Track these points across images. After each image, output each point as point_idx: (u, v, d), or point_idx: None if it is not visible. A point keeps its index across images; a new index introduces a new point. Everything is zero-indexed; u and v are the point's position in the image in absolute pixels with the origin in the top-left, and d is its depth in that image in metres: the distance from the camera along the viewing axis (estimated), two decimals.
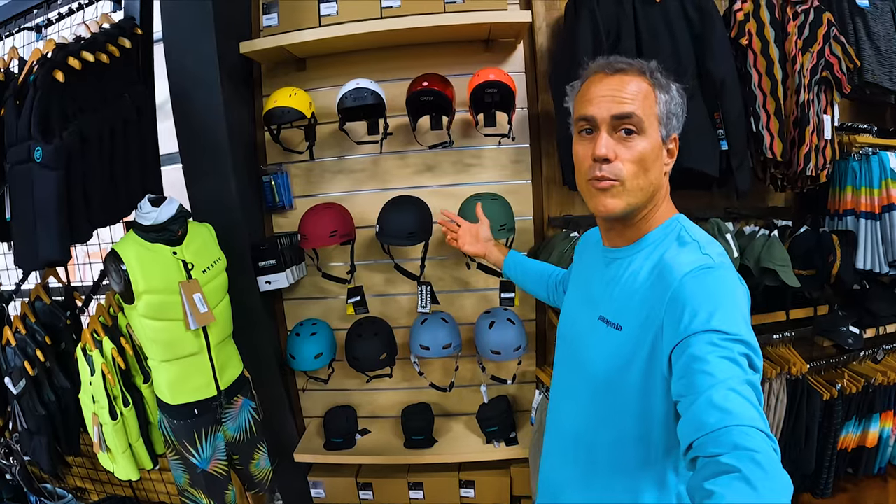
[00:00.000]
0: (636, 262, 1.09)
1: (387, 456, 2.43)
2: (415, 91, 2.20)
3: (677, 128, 1.09)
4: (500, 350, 2.27)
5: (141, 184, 2.21)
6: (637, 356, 1.02)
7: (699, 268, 0.96)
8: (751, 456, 0.72)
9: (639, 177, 1.03)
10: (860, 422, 2.73)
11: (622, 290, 1.09)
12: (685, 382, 0.86)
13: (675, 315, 0.93)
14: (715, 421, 0.78)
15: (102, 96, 2.08)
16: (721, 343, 0.86)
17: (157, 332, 1.94)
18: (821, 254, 2.49)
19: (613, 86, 1.04)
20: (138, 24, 2.24)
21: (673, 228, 1.09)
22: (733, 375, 0.82)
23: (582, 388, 1.17)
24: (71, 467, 2.74)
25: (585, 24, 2.17)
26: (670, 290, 0.96)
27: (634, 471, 1.09)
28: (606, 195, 1.05)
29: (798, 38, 2.37)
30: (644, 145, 1.03)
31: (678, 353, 0.91)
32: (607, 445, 1.12)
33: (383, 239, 2.24)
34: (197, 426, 2.03)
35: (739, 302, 0.95)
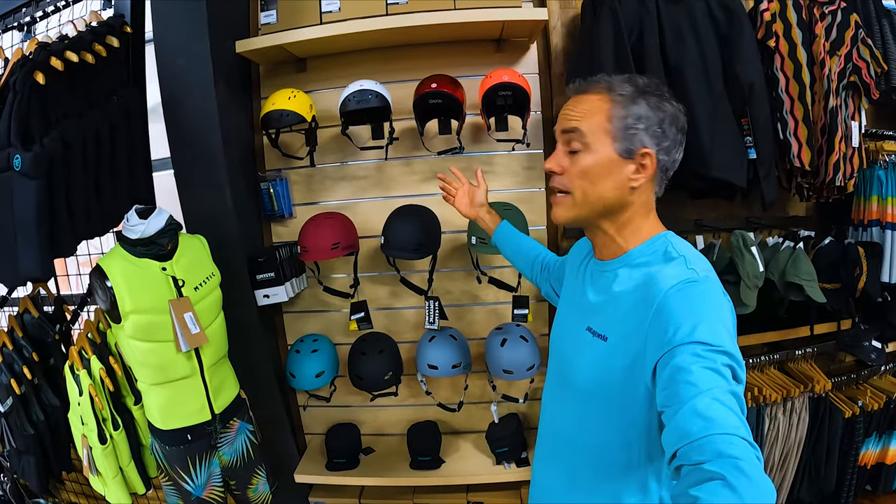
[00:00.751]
0: (622, 276, 1.07)
1: (391, 477, 2.24)
2: (423, 93, 1.99)
3: (651, 143, 1.03)
4: (513, 369, 2.08)
5: (130, 192, 2.02)
6: (620, 367, 1.01)
7: (684, 281, 0.96)
8: (734, 463, 0.71)
9: (585, 190, 1.06)
10: (880, 438, 2.56)
11: (609, 303, 1.08)
12: (669, 393, 0.85)
13: (659, 328, 0.93)
14: (698, 429, 0.77)
15: (88, 99, 1.89)
16: (704, 354, 0.85)
17: (146, 354, 1.74)
18: (846, 267, 2.33)
19: (569, 106, 1.09)
20: (128, 22, 2.04)
21: (660, 245, 1.07)
22: (717, 385, 0.81)
23: (568, 394, 1.18)
24: (64, 482, 2.55)
25: (606, 23, 1.99)
26: (655, 303, 0.96)
27: (617, 476, 1.09)
28: (556, 207, 1.11)
29: (826, 40, 2.17)
30: (588, 160, 1.04)
31: (662, 364, 0.90)
32: (591, 450, 1.12)
33: (389, 252, 2.04)
34: (190, 452, 1.84)
35: (723, 315, 0.94)
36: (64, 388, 1.94)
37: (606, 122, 1.03)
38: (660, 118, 1.04)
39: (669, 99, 1.06)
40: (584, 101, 1.07)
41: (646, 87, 1.06)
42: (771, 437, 2.32)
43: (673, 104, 1.06)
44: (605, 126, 1.03)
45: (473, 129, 2.23)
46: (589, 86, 1.09)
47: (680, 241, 1.09)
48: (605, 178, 1.04)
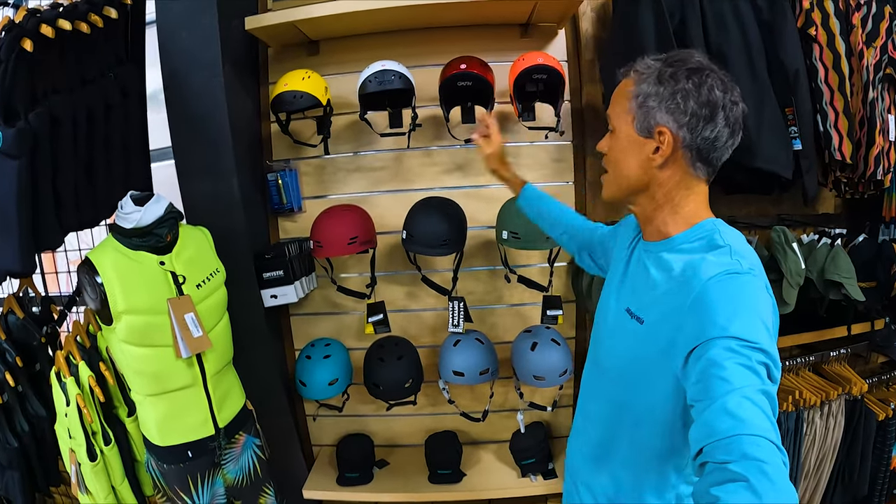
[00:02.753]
0: (665, 260, 0.98)
1: (409, 493, 1.94)
2: (451, 74, 1.73)
3: (669, 120, 0.92)
4: (545, 375, 1.80)
5: (125, 179, 1.72)
6: (652, 352, 0.94)
7: (725, 272, 0.87)
8: (759, 466, 0.66)
9: (615, 168, 1.03)
10: None
11: (649, 285, 1.00)
12: (701, 387, 0.79)
13: (696, 318, 0.86)
14: (727, 428, 0.72)
15: (81, 74, 1.61)
16: (740, 350, 0.78)
17: (142, 361, 1.45)
18: (882, 264, 2.11)
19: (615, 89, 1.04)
20: None
21: (708, 231, 0.97)
22: (749, 384, 0.75)
23: (598, 374, 1.14)
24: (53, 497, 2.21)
25: (646, 6, 1.74)
26: (694, 292, 0.88)
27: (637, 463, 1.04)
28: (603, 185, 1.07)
29: (862, 31, 1.97)
30: (614, 141, 1.02)
31: (696, 356, 0.83)
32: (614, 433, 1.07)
33: (412, 247, 1.76)
34: (191, 470, 1.54)
35: (763, 311, 0.85)
36: (51, 396, 1.63)
37: (627, 102, 0.98)
38: (671, 92, 0.92)
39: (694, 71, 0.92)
40: (622, 84, 1.01)
41: (668, 60, 0.94)
42: (808, 440, 2.09)
43: (696, 78, 0.91)
44: (626, 106, 0.98)
45: (498, 118, 1.95)
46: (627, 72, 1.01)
47: (729, 231, 0.98)
48: (628, 157, 0.99)
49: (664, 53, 0.97)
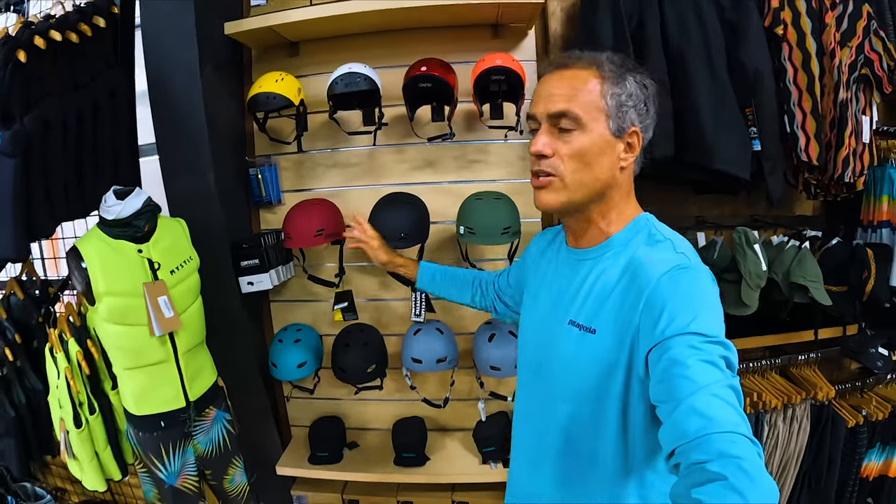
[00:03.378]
0: (605, 262, 1.03)
1: (375, 473, 2.14)
2: (412, 76, 1.90)
3: (637, 120, 1.01)
4: (501, 366, 1.97)
5: (113, 175, 1.97)
6: (616, 359, 0.96)
7: (675, 268, 0.92)
8: (737, 463, 0.69)
9: (579, 172, 1.00)
10: (884, 449, 2.41)
11: (593, 293, 1.02)
12: (665, 387, 0.82)
13: (652, 317, 0.89)
14: (698, 428, 0.74)
15: (72, 79, 1.85)
16: (700, 346, 0.82)
17: (120, 338, 1.68)
18: (854, 269, 2.20)
19: (554, 82, 1.01)
20: (115, 3, 1.98)
21: (642, 227, 1.04)
22: (715, 380, 0.78)
23: (554, 394, 1.09)
24: (50, 467, 2.50)
25: (604, 9, 1.88)
26: (646, 291, 0.92)
27: (616, 475, 1.03)
28: (543, 191, 1.02)
29: (836, 30, 2.05)
30: (583, 140, 0.99)
31: (655, 355, 0.86)
32: (586, 453, 1.05)
33: None
34: (164, 439, 1.77)
35: (715, 303, 0.91)
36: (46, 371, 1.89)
37: (599, 99, 0.98)
38: (644, 96, 1.02)
39: (647, 76, 1.04)
40: (570, 77, 1.00)
41: (625, 63, 1.02)
42: (770, 444, 2.20)
43: (652, 82, 1.04)
44: (598, 104, 0.98)
45: (467, 117, 2.13)
46: (571, 61, 1.03)
47: (662, 224, 1.06)
48: (600, 158, 1.00)
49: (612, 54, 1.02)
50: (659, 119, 1.66)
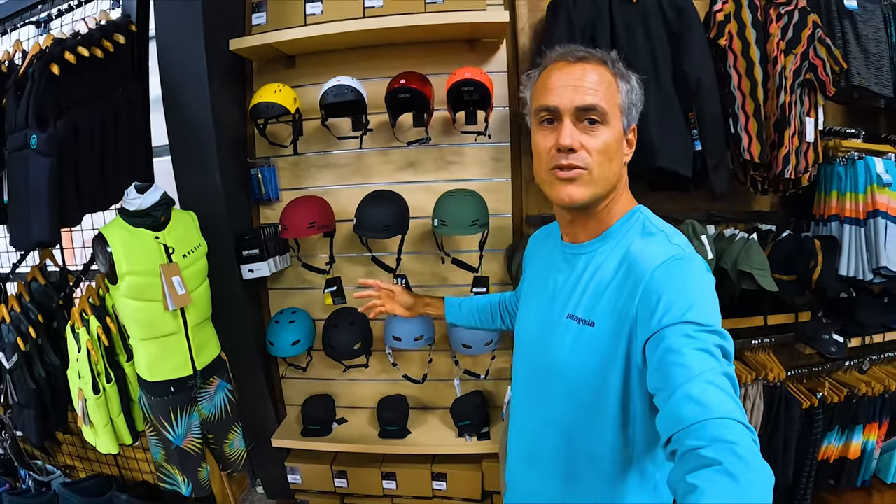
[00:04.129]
0: (601, 256, 1.10)
1: (361, 444, 2.52)
2: (393, 88, 2.29)
3: (636, 118, 1.11)
4: (471, 344, 2.35)
5: (130, 174, 2.31)
6: (615, 352, 1.02)
7: (670, 259, 0.98)
8: (731, 448, 0.73)
9: (604, 166, 1.05)
10: (843, 433, 2.73)
11: (590, 286, 1.09)
12: (661, 375, 0.88)
13: (648, 307, 0.95)
14: (693, 414, 0.79)
15: (96, 89, 2.21)
16: (696, 335, 0.88)
17: (138, 311, 2.06)
18: (802, 259, 2.50)
19: (576, 75, 1.05)
20: (133, 21, 2.38)
21: (636, 219, 1.11)
22: (709, 368, 0.84)
23: (554, 391, 1.14)
24: (60, 444, 2.88)
25: (561, 25, 2.25)
26: (643, 282, 0.98)
27: (617, 470, 1.09)
28: (572, 185, 1.05)
29: (781, 39, 2.39)
30: (608, 135, 1.04)
31: (652, 345, 0.92)
32: (586, 448, 1.11)
33: (360, 231, 2.32)
34: (172, 403, 2.14)
35: (711, 293, 0.97)
36: (65, 350, 2.25)
37: (618, 96, 1.06)
38: (641, 94, 1.12)
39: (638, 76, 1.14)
40: (590, 70, 1.05)
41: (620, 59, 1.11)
42: None
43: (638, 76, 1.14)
44: (617, 100, 1.06)
45: (445, 122, 2.53)
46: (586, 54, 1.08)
47: (654, 216, 1.13)
48: (617, 153, 1.07)
49: None
50: None
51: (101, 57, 2.21)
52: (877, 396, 2.70)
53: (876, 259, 2.45)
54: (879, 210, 2.45)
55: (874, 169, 2.46)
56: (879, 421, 2.74)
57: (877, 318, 2.75)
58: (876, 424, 2.74)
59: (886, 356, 2.86)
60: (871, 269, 2.48)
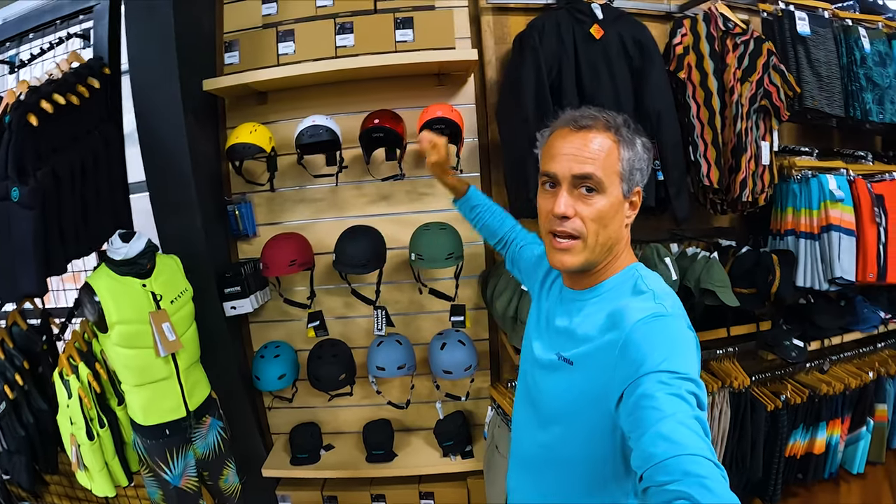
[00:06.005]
0: (593, 307, 1.24)
1: (350, 470, 2.83)
2: (367, 128, 2.57)
3: (641, 181, 1.22)
4: (452, 370, 2.68)
5: (112, 215, 2.54)
6: (586, 394, 1.17)
7: (651, 315, 1.10)
8: (700, 482, 0.81)
9: (598, 233, 1.18)
10: (808, 430, 3.15)
11: (577, 332, 1.24)
12: (634, 419, 0.97)
13: (626, 360, 1.06)
14: (663, 451, 0.87)
15: (73, 134, 2.38)
16: (670, 381, 0.97)
17: (130, 358, 2.28)
18: (761, 273, 2.86)
19: (577, 144, 1.18)
20: (106, 64, 2.57)
21: (630, 276, 1.23)
22: (681, 410, 0.93)
23: (535, 418, 1.35)
24: (49, 485, 3.10)
25: (528, 63, 2.52)
26: (623, 335, 1.10)
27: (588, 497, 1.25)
28: (565, 254, 1.20)
29: (737, 68, 2.73)
30: (603, 203, 1.16)
31: (628, 393, 1.02)
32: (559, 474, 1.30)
33: (339, 268, 2.61)
34: (168, 445, 2.38)
35: (689, 347, 1.08)
36: (51, 395, 2.45)
37: (617, 164, 1.17)
38: (649, 158, 1.23)
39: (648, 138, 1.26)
40: (591, 139, 1.18)
41: (633, 126, 1.23)
42: None
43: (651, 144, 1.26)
44: (616, 168, 1.17)
45: (416, 156, 2.81)
46: (590, 122, 1.20)
47: (650, 275, 1.24)
48: (614, 218, 1.19)
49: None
50: None
51: (78, 103, 2.37)
52: (838, 394, 3.13)
53: (831, 270, 2.86)
54: (833, 224, 2.85)
55: (827, 186, 2.85)
56: (842, 417, 3.19)
57: (834, 322, 3.19)
58: (839, 420, 3.18)
59: (845, 356, 3.31)
60: (827, 280, 2.88)
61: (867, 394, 3.24)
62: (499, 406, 2.68)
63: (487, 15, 2.81)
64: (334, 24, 2.62)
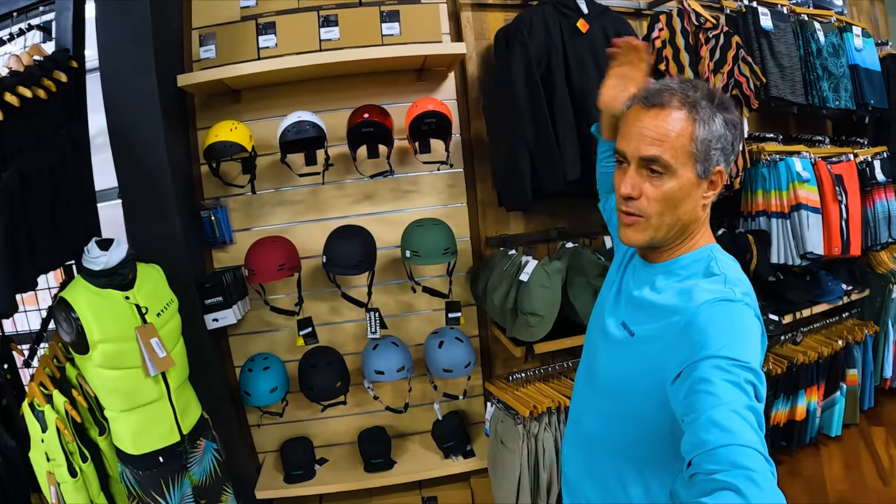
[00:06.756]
0: (664, 281, 1.23)
1: (348, 483, 2.79)
2: (356, 123, 2.55)
3: (723, 160, 1.17)
4: (452, 368, 2.69)
5: (82, 224, 2.35)
6: (641, 366, 1.20)
7: (719, 299, 1.09)
8: (748, 474, 0.80)
9: (665, 214, 1.17)
10: (788, 399, 3.37)
11: (644, 303, 1.25)
12: (688, 402, 0.97)
13: (687, 340, 1.07)
14: (714, 439, 0.87)
15: (41, 133, 2.18)
16: (729, 368, 0.96)
17: (116, 381, 2.13)
18: (739, 253, 3.04)
19: (646, 123, 1.16)
20: (73, 57, 2.38)
21: (705, 257, 1.22)
22: (737, 399, 0.92)
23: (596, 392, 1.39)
24: None
25: (519, 58, 2.57)
26: (688, 315, 1.10)
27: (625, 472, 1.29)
28: (629, 229, 1.21)
29: (710, 60, 2.90)
30: (671, 185, 1.14)
31: (685, 375, 1.02)
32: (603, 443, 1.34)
33: (331, 269, 2.58)
34: (163, 474, 2.23)
35: (752, 336, 1.07)
36: (20, 429, 2.22)
37: (690, 144, 1.13)
38: (733, 136, 1.18)
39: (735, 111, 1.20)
40: (662, 118, 1.15)
41: (719, 101, 1.17)
42: None
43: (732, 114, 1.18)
44: (688, 149, 1.14)
45: (399, 153, 2.82)
46: (664, 97, 1.16)
47: (725, 258, 1.23)
48: (686, 200, 1.16)
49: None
50: (567, 148, 2.40)
51: (45, 98, 2.17)
52: (812, 363, 3.38)
53: (802, 245, 3.09)
54: (801, 203, 3.08)
55: (794, 168, 3.08)
56: (818, 383, 3.44)
57: (803, 296, 3.46)
58: (815, 387, 3.43)
59: (815, 327, 3.61)
60: (799, 255, 3.11)
61: (838, 360, 3.51)
62: (499, 401, 2.73)
63: (467, 11, 2.87)
64: (318, 17, 2.60)
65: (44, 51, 2.33)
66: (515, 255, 2.71)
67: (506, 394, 2.71)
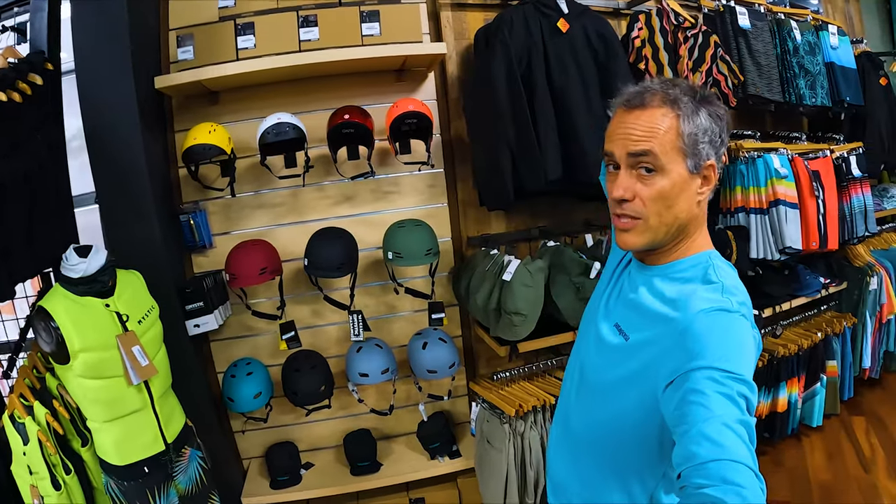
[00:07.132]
0: (657, 285, 1.22)
1: (335, 487, 2.81)
2: (336, 124, 2.57)
3: (713, 153, 1.17)
4: (436, 369, 2.73)
5: (60, 231, 2.36)
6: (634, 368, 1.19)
7: (715, 308, 1.09)
8: (737, 491, 0.81)
9: (661, 214, 1.16)
10: (769, 391, 3.46)
11: (638, 306, 1.24)
12: (680, 412, 0.97)
13: (681, 348, 1.06)
14: (705, 452, 0.87)
15: (16, 139, 2.15)
16: (722, 380, 0.96)
17: (98, 391, 2.11)
18: (718, 249, 3.08)
19: (630, 122, 1.16)
20: (48, 59, 2.36)
21: (703, 264, 1.21)
22: (729, 412, 0.92)
23: (585, 393, 1.37)
24: None
25: (500, 57, 2.60)
26: (683, 323, 1.10)
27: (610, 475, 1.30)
28: (627, 234, 1.19)
29: (689, 59, 2.97)
30: (664, 183, 1.14)
31: (677, 384, 1.01)
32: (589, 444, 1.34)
33: (313, 272, 2.60)
34: (149, 485, 2.22)
35: (747, 348, 1.07)
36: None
37: (677, 139, 1.13)
38: (720, 128, 1.18)
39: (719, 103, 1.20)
40: (646, 116, 1.15)
41: (700, 95, 1.18)
42: None
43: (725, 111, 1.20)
44: (676, 144, 1.13)
45: (380, 154, 2.84)
46: (646, 98, 1.16)
47: (723, 266, 1.22)
48: (680, 197, 1.16)
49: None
50: (548, 147, 2.44)
51: (20, 101, 2.15)
52: (792, 355, 3.47)
53: (781, 240, 3.15)
54: (780, 199, 3.14)
55: (772, 165, 3.14)
56: (798, 375, 3.53)
57: (782, 290, 3.55)
58: (796, 379, 3.53)
59: (794, 320, 3.71)
60: (778, 250, 3.19)
61: (818, 352, 3.61)
62: (484, 400, 2.77)
63: (446, 10, 2.90)
64: (297, 17, 2.61)
65: (18, 53, 2.31)
66: (497, 254, 2.74)
67: (491, 393, 2.75)
